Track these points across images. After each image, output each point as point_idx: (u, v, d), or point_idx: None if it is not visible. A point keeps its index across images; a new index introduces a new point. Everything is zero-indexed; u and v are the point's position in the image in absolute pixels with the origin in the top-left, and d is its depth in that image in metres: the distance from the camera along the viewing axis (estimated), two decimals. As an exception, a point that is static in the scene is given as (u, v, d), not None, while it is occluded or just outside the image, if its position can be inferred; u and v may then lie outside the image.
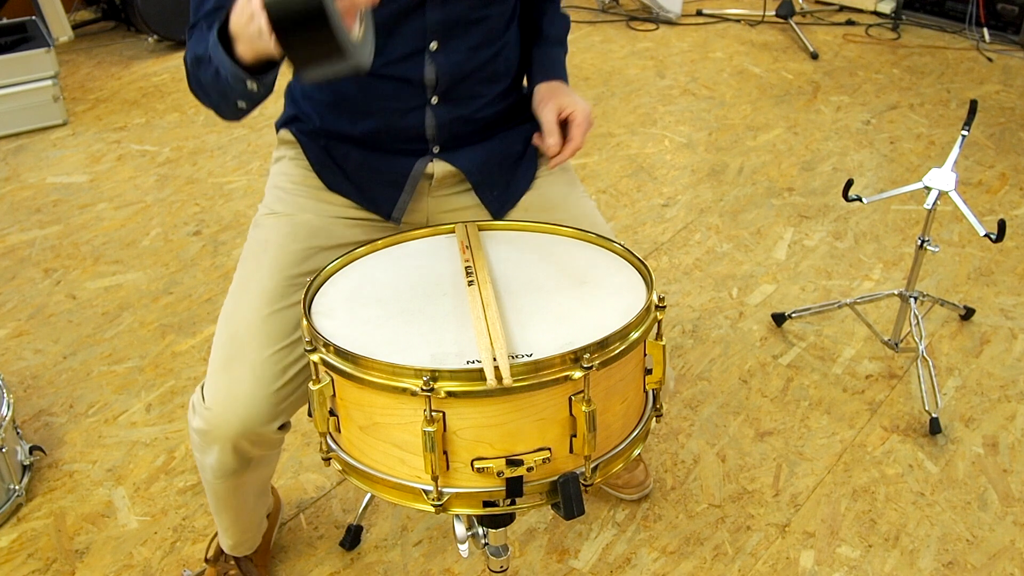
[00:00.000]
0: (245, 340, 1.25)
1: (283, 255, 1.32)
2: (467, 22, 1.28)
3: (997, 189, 2.96)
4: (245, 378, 1.22)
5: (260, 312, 1.26)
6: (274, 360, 1.24)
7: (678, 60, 4.03)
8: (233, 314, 1.29)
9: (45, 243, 2.72)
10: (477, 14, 1.29)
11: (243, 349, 1.24)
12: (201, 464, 1.34)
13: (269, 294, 1.28)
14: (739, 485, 1.87)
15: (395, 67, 1.28)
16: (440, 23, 1.27)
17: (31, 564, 1.72)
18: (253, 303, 1.27)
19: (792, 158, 3.17)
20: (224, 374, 1.24)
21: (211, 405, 1.24)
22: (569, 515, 0.96)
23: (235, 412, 1.22)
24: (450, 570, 1.70)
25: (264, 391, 1.23)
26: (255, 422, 1.23)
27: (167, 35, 4.14)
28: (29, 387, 2.16)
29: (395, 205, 1.38)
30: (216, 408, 1.23)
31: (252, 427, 1.23)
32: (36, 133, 3.41)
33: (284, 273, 1.30)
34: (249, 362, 1.23)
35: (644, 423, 1.06)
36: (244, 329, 1.26)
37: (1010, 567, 1.69)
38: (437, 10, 1.25)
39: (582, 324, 1.02)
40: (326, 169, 1.39)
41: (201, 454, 1.32)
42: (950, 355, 2.22)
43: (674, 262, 2.60)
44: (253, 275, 1.31)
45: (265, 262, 1.32)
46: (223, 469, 1.30)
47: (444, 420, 0.93)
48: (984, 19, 4.17)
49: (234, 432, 1.23)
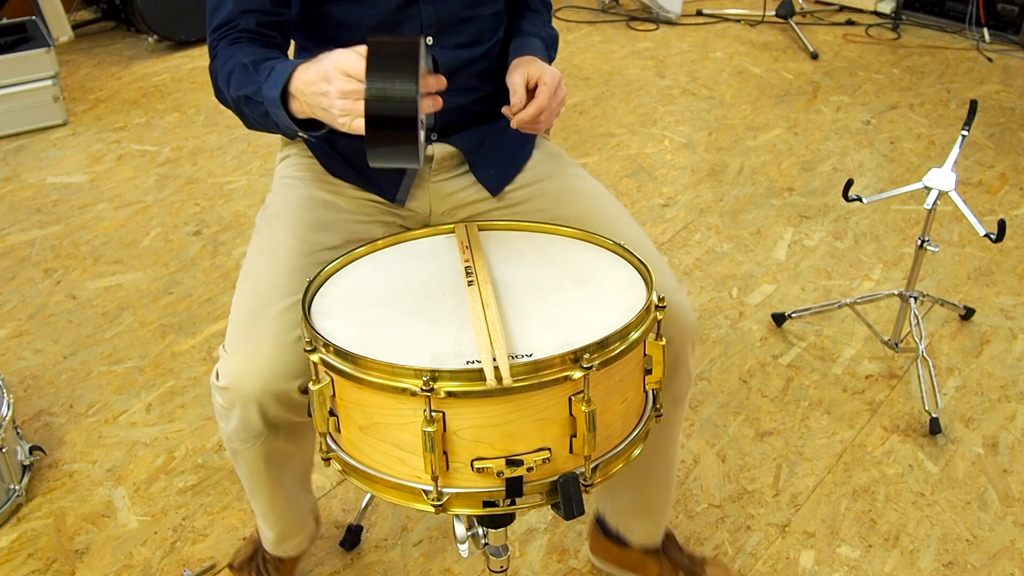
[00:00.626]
0: (266, 293, 1.25)
1: (298, 221, 1.34)
2: (459, 20, 1.34)
3: (997, 189, 2.96)
4: (267, 328, 1.22)
5: (281, 267, 1.27)
6: (296, 310, 1.22)
7: (678, 60, 4.03)
8: (253, 273, 1.30)
9: (45, 243, 2.72)
10: (467, 13, 1.35)
11: (265, 301, 1.24)
12: (227, 435, 1.30)
13: (288, 250, 1.29)
14: (739, 485, 1.87)
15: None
16: (434, 20, 1.32)
17: (31, 564, 1.72)
18: (274, 261, 1.29)
19: (792, 158, 3.17)
20: (247, 326, 1.24)
21: (233, 355, 1.22)
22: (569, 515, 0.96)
23: (258, 363, 1.20)
24: (450, 570, 1.70)
25: (287, 339, 1.21)
26: (279, 375, 1.20)
27: (167, 35, 4.14)
28: (29, 387, 2.16)
29: (399, 187, 1.41)
30: (239, 359, 1.22)
31: (275, 381, 1.20)
32: (36, 133, 3.41)
33: (300, 235, 1.32)
34: (271, 313, 1.23)
35: (644, 423, 1.06)
36: (265, 283, 1.27)
37: (1010, 567, 1.69)
38: (429, 6, 1.31)
39: (582, 324, 1.02)
40: (329, 158, 1.42)
41: (225, 422, 1.28)
42: (950, 355, 2.22)
43: (674, 262, 2.60)
44: (269, 240, 1.33)
45: (280, 227, 1.34)
46: (248, 430, 1.26)
47: (444, 420, 0.93)
48: (984, 19, 4.17)
49: (258, 386, 1.20)
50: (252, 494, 1.44)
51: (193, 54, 4.16)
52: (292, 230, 1.33)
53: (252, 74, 1.17)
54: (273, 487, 1.41)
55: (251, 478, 1.38)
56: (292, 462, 1.40)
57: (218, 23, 1.26)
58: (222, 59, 1.24)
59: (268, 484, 1.39)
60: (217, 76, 1.24)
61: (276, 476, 1.38)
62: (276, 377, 1.20)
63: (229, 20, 1.25)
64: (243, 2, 1.25)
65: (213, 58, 1.26)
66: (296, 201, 1.38)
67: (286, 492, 1.44)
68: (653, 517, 1.56)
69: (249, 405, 1.22)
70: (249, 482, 1.40)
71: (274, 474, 1.37)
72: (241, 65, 1.19)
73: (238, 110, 1.22)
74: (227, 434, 1.30)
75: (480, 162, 1.43)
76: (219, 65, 1.24)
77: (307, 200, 1.38)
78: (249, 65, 1.18)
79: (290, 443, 1.33)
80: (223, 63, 1.23)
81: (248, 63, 1.18)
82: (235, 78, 1.20)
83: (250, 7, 1.25)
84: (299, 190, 1.40)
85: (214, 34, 1.27)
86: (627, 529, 1.57)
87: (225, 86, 1.22)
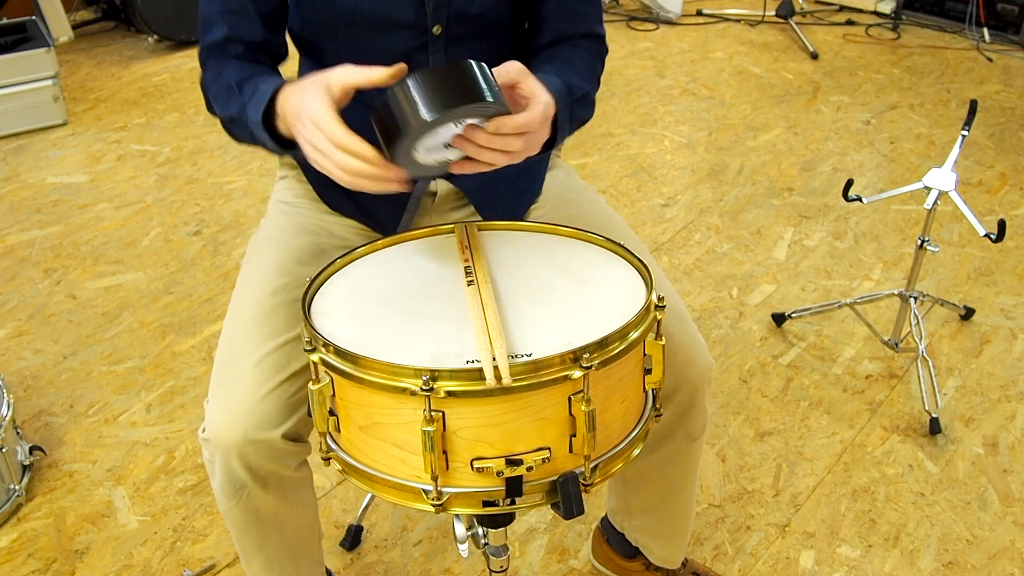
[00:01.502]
0: (245, 338, 1.23)
1: (286, 254, 1.31)
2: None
3: (997, 189, 2.96)
4: (245, 378, 1.20)
5: (263, 307, 1.25)
6: (272, 357, 1.21)
7: (678, 60, 4.03)
8: (235, 312, 1.28)
9: (45, 243, 2.73)
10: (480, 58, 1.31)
11: (242, 347, 1.22)
12: (217, 495, 1.25)
13: (271, 289, 1.26)
14: (739, 485, 1.87)
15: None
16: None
17: (31, 564, 1.72)
18: (255, 299, 1.26)
19: (792, 158, 3.17)
20: (225, 374, 1.22)
21: (213, 406, 1.21)
22: (569, 515, 0.96)
23: (236, 414, 1.18)
24: (450, 570, 1.70)
25: (266, 388, 1.19)
26: (258, 425, 1.18)
27: (167, 35, 4.14)
28: (29, 387, 2.16)
29: (399, 223, 1.37)
30: (217, 410, 1.20)
31: (254, 430, 1.18)
32: (36, 133, 3.41)
33: (287, 269, 1.29)
34: (250, 361, 1.21)
35: (644, 423, 1.06)
36: (244, 327, 1.25)
37: (1010, 567, 1.69)
38: (440, 55, 1.25)
39: (582, 324, 1.02)
40: (327, 189, 1.38)
41: (212, 478, 1.24)
42: (950, 355, 2.22)
43: (674, 262, 2.60)
44: (255, 273, 1.30)
45: (266, 259, 1.31)
46: (232, 483, 1.21)
47: (444, 420, 0.93)
48: (984, 19, 4.17)
49: (237, 435, 1.17)
50: (245, 558, 1.35)
51: (193, 54, 4.16)
52: (278, 264, 1.29)
53: (236, 94, 1.15)
54: (265, 549, 1.32)
55: (241, 539, 1.31)
56: (286, 526, 1.32)
57: (209, 44, 1.24)
58: (211, 75, 1.22)
59: (259, 545, 1.31)
60: (207, 91, 1.23)
61: (268, 538, 1.31)
62: (255, 426, 1.17)
63: (220, 43, 1.23)
64: (235, 28, 1.21)
65: (203, 72, 1.25)
66: (287, 230, 1.35)
67: (281, 559, 1.34)
68: (671, 541, 1.56)
69: (230, 455, 1.18)
70: (240, 546, 1.33)
71: (266, 535, 1.30)
72: (227, 85, 1.18)
73: (226, 129, 1.22)
74: (216, 493, 1.26)
75: (486, 203, 1.38)
76: (209, 80, 1.22)
77: (298, 230, 1.34)
78: (234, 85, 1.17)
79: (281, 501, 1.27)
80: (212, 80, 1.22)
81: (233, 83, 1.17)
82: (221, 98, 1.19)
83: (242, 37, 1.22)
84: (291, 218, 1.37)
85: (204, 52, 1.25)
86: (646, 548, 1.58)
87: (215, 103, 1.22)
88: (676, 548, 1.57)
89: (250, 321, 1.24)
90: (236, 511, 1.26)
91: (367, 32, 1.22)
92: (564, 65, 1.23)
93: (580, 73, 1.24)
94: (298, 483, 1.29)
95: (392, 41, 1.23)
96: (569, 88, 1.17)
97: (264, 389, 1.19)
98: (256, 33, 1.23)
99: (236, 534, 1.31)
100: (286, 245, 1.32)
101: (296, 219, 1.37)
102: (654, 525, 1.54)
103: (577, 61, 1.26)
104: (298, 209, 1.39)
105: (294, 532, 1.35)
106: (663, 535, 1.55)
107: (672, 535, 1.55)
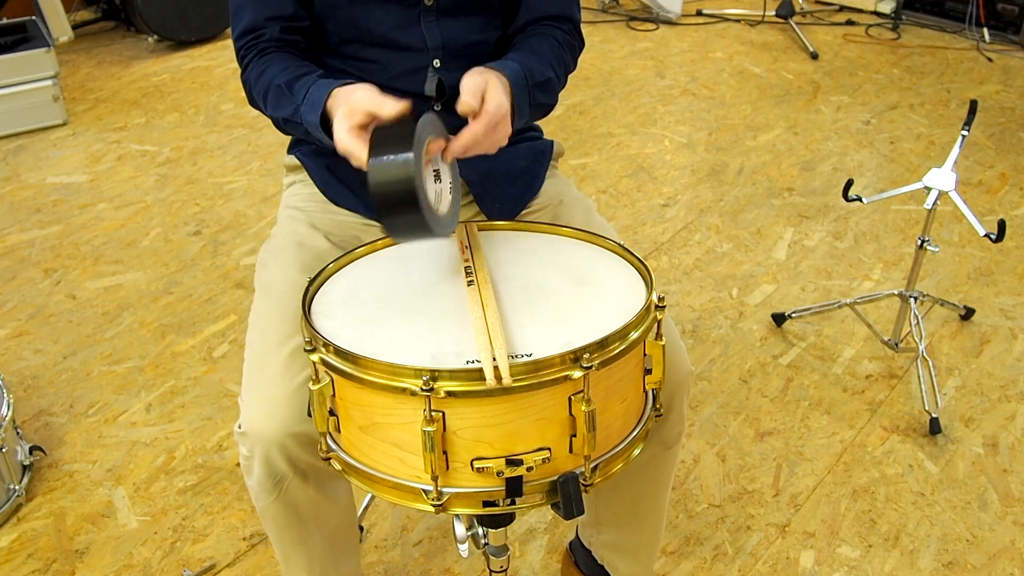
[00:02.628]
0: (272, 335, 1.23)
1: (294, 263, 1.32)
2: (467, 44, 1.33)
3: (997, 189, 2.96)
4: (278, 370, 1.20)
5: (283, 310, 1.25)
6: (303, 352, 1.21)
7: (678, 60, 4.03)
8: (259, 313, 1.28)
9: (45, 243, 2.73)
10: (476, 37, 1.34)
11: (272, 343, 1.23)
12: (254, 492, 1.24)
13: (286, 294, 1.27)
14: (739, 485, 1.87)
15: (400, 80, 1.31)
16: (440, 43, 1.31)
17: (31, 564, 1.72)
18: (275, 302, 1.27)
19: (792, 158, 3.17)
20: (259, 369, 1.22)
21: (249, 401, 1.19)
22: (569, 515, 0.96)
23: (274, 406, 1.17)
24: (450, 570, 1.70)
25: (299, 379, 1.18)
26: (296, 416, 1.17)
27: (167, 35, 4.14)
28: (29, 387, 2.16)
29: None
30: (254, 403, 1.19)
31: (293, 422, 1.17)
32: (36, 133, 3.41)
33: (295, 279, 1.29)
34: (280, 355, 1.21)
35: (644, 423, 1.06)
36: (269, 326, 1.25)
37: (1010, 567, 1.69)
38: (433, 27, 1.29)
39: (582, 324, 1.02)
40: (332, 187, 1.40)
41: (249, 476, 1.23)
42: (950, 355, 2.22)
43: (674, 262, 2.60)
44: (271, 279, 1.31)
45: (279, 267, 1.32)
46: (272, 476, 1.20)
47: (444, 420, 0.93)
48: (984, 19, 4.17)
49: (277, 427, 1.16)
50: (286, 558, 1.33)
51: (193, 54, 4.17)
52: (289, 273, 1.30)
53: (287, 95, 1.20)
54: (306, 543, 1.31)
55: (281, 537, 1.30)
56: (326, 521, 1.32)
57: (243, 29, 1.28)
58: (255, 72, 1.27)
59: (301, 540, 1.30)
60: (252, 88, 1.28)
61: (308, 533, 1.30)
62: (294, 418, 1.17)
63: (254, 28, 1.27)
64: (266, 8, 1.26)
65: (244, 68, 1.29)
66: (301, 231, 1.36)
67: (322, 555, 1.34)
68: (638, 558, 1.52)
69: (270, 448, 1.18)
70: (280, 545, 1.31)
71: (307, 530, 1.29)
72: (276, 86, 1.22)
73: (277, 126, 1.27)
74: (253, 491, 1.25)
75: (486, 195, 1.39)
76: (252, 78, 1.27)
77: (311, 229, 1.36)
78: (283, 87, 1.21)
79: (320, 494, 1.27)
80: (256, 77, 1.26)
81: (282, 84, 1.21)
82: (271, 98, 1.23)
83: (273, 13, 1.27)
84: (300, 224, 1.38)
85: (240, 41, 1.29)
86: (611, 565, 1.54)
87: (262, 102, 1.26)
88: (643, 566, 1.52)
89: (278, 317, 1.25)
90: (276, 507, 1.25)
91: (364, 5, 1.27)
92: (528, 52, 1.29)
93: (543, 59, 1.28)
94: (336, 475, 1.26)
95: (389, 15, 1.28)
96: (529, 73, 1.23)
97: (299, 380, 1.19)
98: (287, 6, 1.27)
99: (275, 532, 1.30)
100: (303, 243, 1.34)
101: (308, 220, 1.38)
102: (622, 539, 1.50)
103: (542, 48, 1.31)
104: (308, 211, 1.40)
105: (334, 527, 1.35)
106: (631, 550, 1.51)
107: (639, 551, 1.51)
